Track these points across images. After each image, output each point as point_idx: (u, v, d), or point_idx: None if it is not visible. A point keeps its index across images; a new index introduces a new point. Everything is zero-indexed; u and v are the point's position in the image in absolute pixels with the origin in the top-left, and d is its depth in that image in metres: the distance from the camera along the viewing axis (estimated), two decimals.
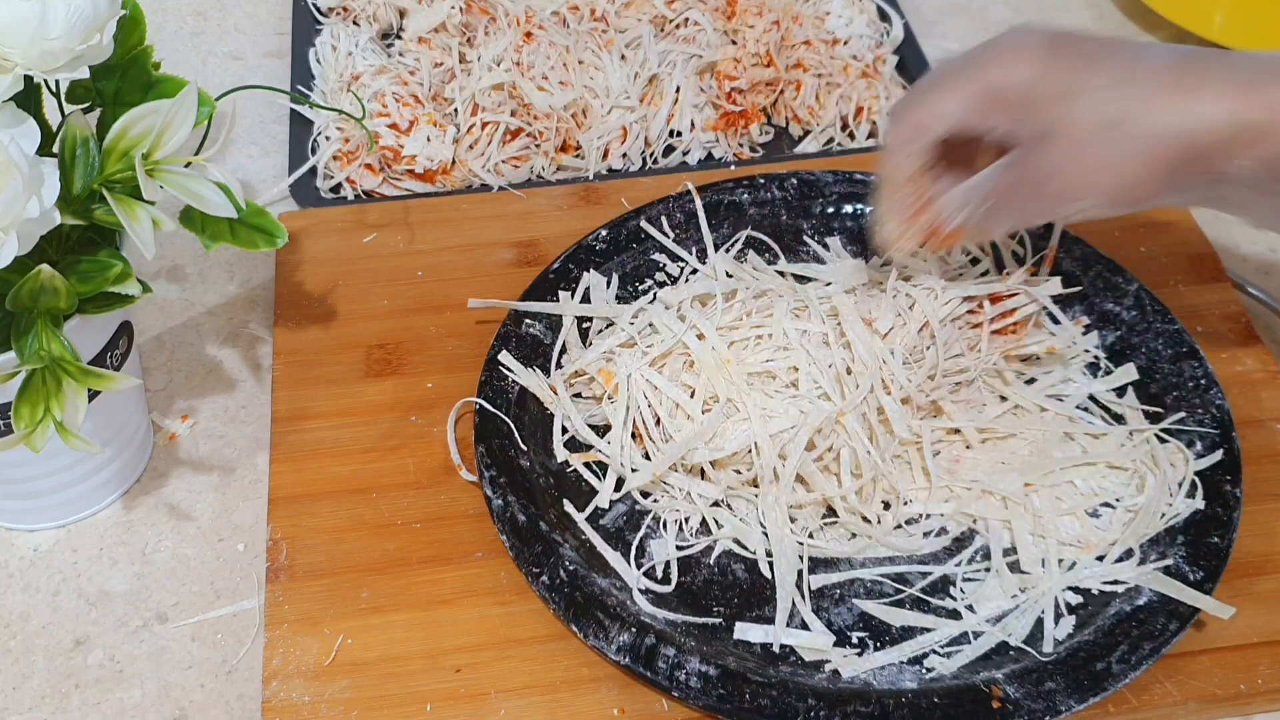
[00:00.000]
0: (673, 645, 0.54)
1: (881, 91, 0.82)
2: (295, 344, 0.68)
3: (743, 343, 0.61)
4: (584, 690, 0.55)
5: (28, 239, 0.49)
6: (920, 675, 0.55)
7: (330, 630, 0.56)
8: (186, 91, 0.52)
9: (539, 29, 0.80)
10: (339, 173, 0.77)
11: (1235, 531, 0.58)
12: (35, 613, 0.59)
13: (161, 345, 0.70)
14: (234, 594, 0.59)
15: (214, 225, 0.56)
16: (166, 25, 0.91)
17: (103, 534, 0.62)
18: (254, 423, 0.66)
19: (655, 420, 0.60)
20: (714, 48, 0.82)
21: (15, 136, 0.49)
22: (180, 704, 0.56)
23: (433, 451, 0.63)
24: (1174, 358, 0.65)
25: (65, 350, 0.52)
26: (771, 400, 0.59)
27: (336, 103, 0.79)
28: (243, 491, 0.63)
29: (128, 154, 0.52)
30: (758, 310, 0.63)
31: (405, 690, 0.54)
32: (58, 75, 0.50)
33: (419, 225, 0.74)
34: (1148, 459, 0.61)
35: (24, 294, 0.50)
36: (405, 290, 0.70)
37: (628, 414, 0.61)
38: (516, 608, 0.57)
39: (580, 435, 0.62)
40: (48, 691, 0.56)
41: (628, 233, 0.70)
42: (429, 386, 0.66)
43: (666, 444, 0.60)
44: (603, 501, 0.60)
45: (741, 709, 0.52)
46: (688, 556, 0.59)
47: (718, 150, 0.81)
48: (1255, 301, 0.72)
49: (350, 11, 0.87)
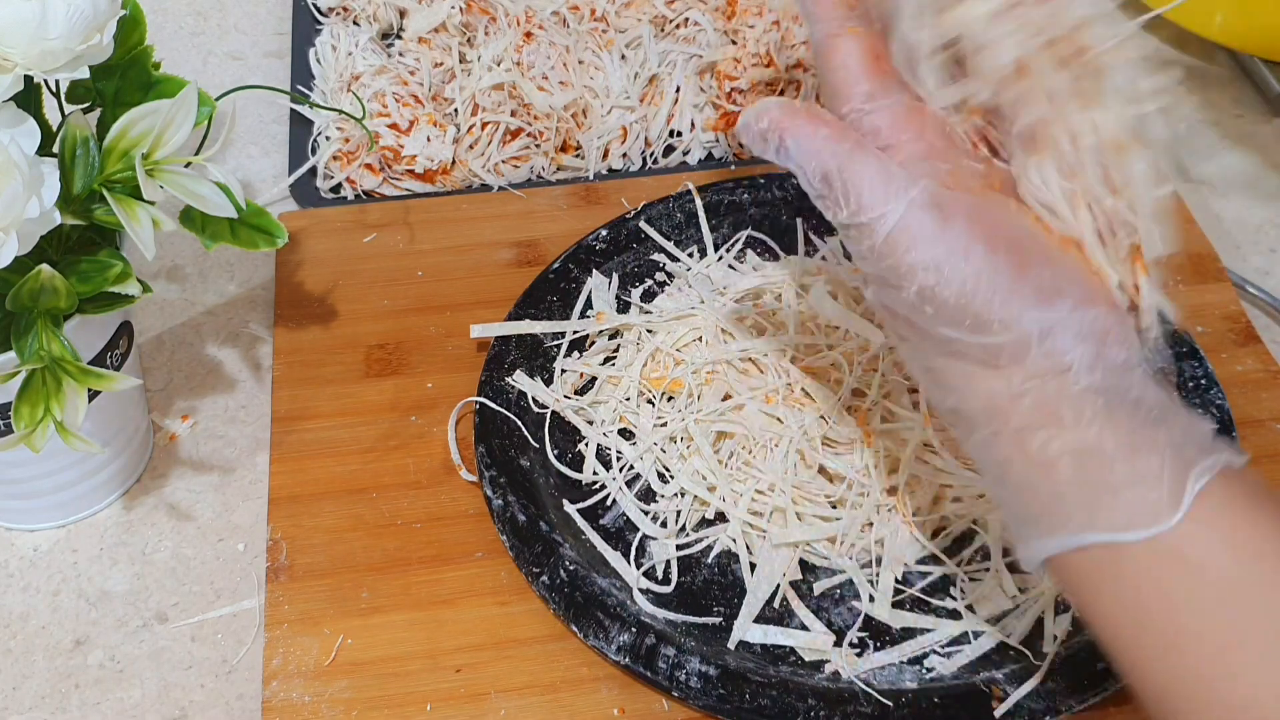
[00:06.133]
0: (673, 645, 0.54)
1: None
2: (295, 344, 0.68)
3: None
4: (584, 690, 0.55)
5: (28, 239, 0.49)
6: (920, 675, 0.55)
7: (330, 630, 0.56)
8: (186, 91, 0.52)
9: (539, 29, 0.80)
10: (339, 173, 0.77)
11: None
12: (35, 613, 0.59)
13: (161, 345, 0.70)
14: (234, 594, 0.59)
15: (214, 225, 0.56)
16: (166, 25, 0.91)
17: (103, 534, 0.62)
18: (254, 423, 0.66)
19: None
20: (714, 48, 0.82)
21: (15, 136, 0.49)
22: (180, 704, 0.56)
23: (433, 451, 0.63)
24: (1174, 358, 0.65)
25: (65, 350, 0.52)
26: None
27: (336, 103, 0.79)
28: (243, 491, 0.63)
29: (128, 154, 0.52)
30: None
31: (405, 690, 0.54)
32: (58, 75, 0.50)
33: (419, 225, 0.74)
34: None
35: (24, 294, 0.50)
36: (405, 290, 0.70)
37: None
38: (516, 608, 0.57)
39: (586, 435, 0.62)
40: (47, 691, 0.56)
41: (628, 233, 0.70)
42: (429, 386, 0.66)
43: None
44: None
45: (741, 709, 0.52)
46: (688, 556, 0.59)
47: (718, 150, 0.81)
48: (1255, 301, 0.73)
49: (350, 11, 0.87)
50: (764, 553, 0.58)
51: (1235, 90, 0.88)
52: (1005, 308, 0.41)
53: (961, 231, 0.41)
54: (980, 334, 0.41)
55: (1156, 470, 0.39)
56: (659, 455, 0.61)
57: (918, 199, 0.42)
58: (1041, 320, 0.41)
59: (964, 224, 0.41)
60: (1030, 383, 0.41)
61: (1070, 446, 0.40)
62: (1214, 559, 0.38)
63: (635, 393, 0.63)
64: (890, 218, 0.42)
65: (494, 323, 0.66)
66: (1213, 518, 0.38)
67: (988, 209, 0.43)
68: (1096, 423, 0.40)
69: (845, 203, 0.43)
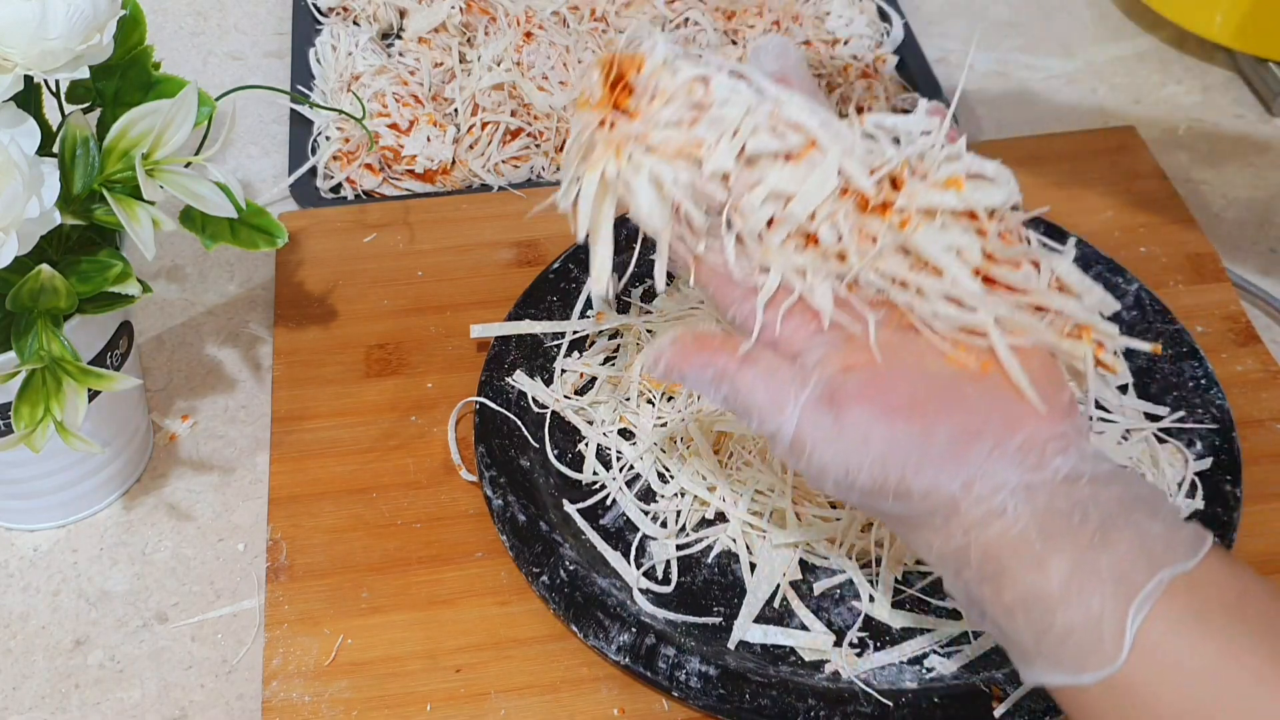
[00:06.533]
0: (673, 645, 0.54)
1: (881, 92, 0.82)
2: (295, 344, 0.68)
3: None
4: (584, 690, 0.55)
5: (28, 239, 0.49)
6: (920, 675, 0.55)
7: (330, 630, 0.56)
8: (186, 91, 0.52)
9: (539, 29, 0.80)
10: (339, 173, 0.77)
11: (1235, 532, 0.58)
12: (35, 613, 0.59)
13: (161, 345, 0.70)
14: (234, 594, 0.59)
15: (214, 225, 0.56)
16: (166, 25, 0.91)
17: (103, 534, 0.62)
18: (254, 423, 0.66)
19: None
20: (714, 48, 0.82)
21: (15, 136, 0.49)
22: (180, 704, 0.56)
23: (433, 451, 0.63)
24: (1174, 358, 0.65)
25: (65, 350, 0.52)
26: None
27: (336, 103, 0.79)
28: (242, 491, 0.63)
29: (128, 154, 0.52)
30: None
31: (405, 690, 0.54)
32: (58, 75, 0.50)
33: (419, 225, 0.74)
34: (1147, 459, 0.61)
35: (24, 294, 0.50)
36: (405, 290, 0.70)
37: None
38: (516, 608, 0.57)
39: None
40: (47, 691, 0.56)
41: (628, 233, 0.70)
42: (429, 386, 0.66)
43: None
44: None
45: (741, 709, 0.52)
46: (688, 556, 0.59)
47: None
48: (1255, 301, 0.73)
49: (350, 11, 0.87)
50: (764, 553, 0.58)
51: (1235, 90, 0.88)
52: (920, 477, 0.41)
53: (858, 418, 0.41)
54: (907, 503, 0.41)
55: (1097, 612, 0.38)
56: (659, 455, 0.61)
57: (808, 400, 0.42)
58: (960, 475, 0.41)
59: (860, 408, 0.41)
60: (971, 533, 0.41)
61: (1019, 594, 0.40)
62: (1165, 693, 0.38)
63: (635, 393, 0.63)
64: (787, 427, 0.42)
65: (494, 323, 0.66)
66: (1160, 648, 0.38)
67: (886, 375, 0.42)
68: (1038, 565, 0.39)
69: (749, 418, 0.44)
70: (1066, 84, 0.89)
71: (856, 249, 0.43)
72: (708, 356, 0.45)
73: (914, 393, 0.42)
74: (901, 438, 0.41)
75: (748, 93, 0.44)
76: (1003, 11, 0.95)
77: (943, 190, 0.43)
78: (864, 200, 0.44)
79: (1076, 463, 0.41)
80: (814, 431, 0.42)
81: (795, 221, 0.43)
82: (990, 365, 0.42)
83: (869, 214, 0.44)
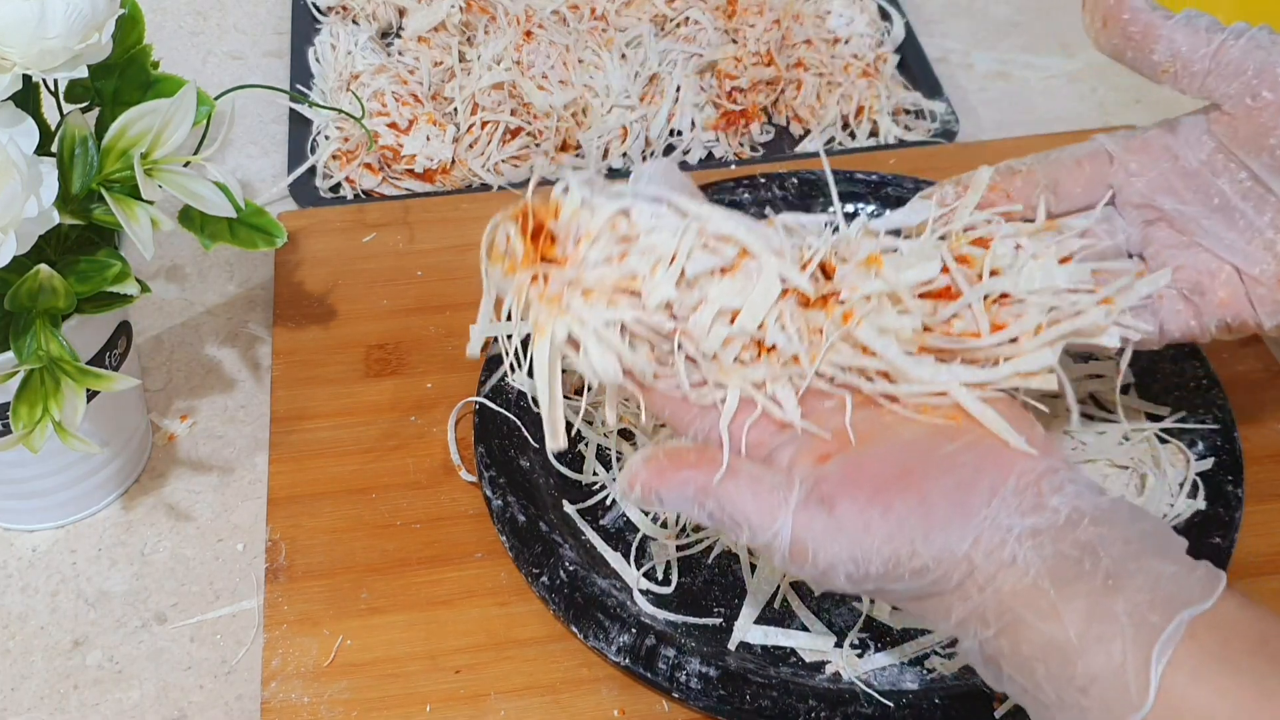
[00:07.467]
0: (673, 646, 0.54)
1: (882, 91, 0.81)
2: (295, 344, 0.67)
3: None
4: (584, 691, 0.55)
5: (26, 238, 0.49)
6: (921, 676, 0.55)
7: (330, 631, 0.56)
8: (185, 91, 0.52)
9: (539, 28, 0.80)
10: (338, 172, 0.77)
11: (1237, 532, 0.58)
12: (34, 613, 0.59)
13: (161, 345, 0.70)
14: (233, 594, 0.59)
15: (213, 225, 0.56)
16: (166, 25, 0.91)
17: (101, 534, 0.61)
18: (253, 423, 0.66)
19: None
20: (714, 47, 0.82)
21: (14, 136, 0.49)
22: (179, 704, 0.56)
23: (432, 451, 0.63)
24: (1175, 357, 0.65)
25: (64, 350, 0.51)
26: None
27: (336, 102, 0.79)
28: (242, 492, 0.63)
29: (126, 153, 0.52)
30: None
31: (405, 691, 0.54)
32: (56, 74, 0.50)
33: (419, 225, 0.73)
34: (1148, 459, 0.61)
35: (23, 294, 0.50)
36: (405, 290, 0.70)
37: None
38: (516, 608, 0.57)
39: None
40: (46, 692, 0.56)
41: None
42: (429, 386, 0.66)
43: None
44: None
45: (742, 710, 0.52)
46: (688, 557, 0.59)
47: (718, 150, 0.81)
48: None
49: (350, 10, 0.87)
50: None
51: None
52: (929, 545, 0.40)
53: (853, 508, 0.41)
54: (922, 578, 0.41)
55: (1119, 658, 0.38)
56: None
57: (799, 502, 0.42)
58: (968, 532, 0.40)
59: (852, 497, 0.41)
60: (986, 590, 0.40)
61: (1037, 646, 0.39)
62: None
63: None
64: (783, 533, 0.42)
65: (494, 323, 0.66)
66: (1187, 693, 0.37)
67: (866, 455, 0.42)
68: (1053, 614, 0.39)
69: (739, 531, 0.43)
70: (1067, 84, 0.88)
71: (806, 350, 0.44)
72: (686, 474, 0.43)
73: (899, 465, 0.42)
74: (902, 514, 0.41)
75: (670, 216, 0.44)
76: (1004, 11, 0.95)
77: (868, 273, 0.44)
78: (804, 297, 0.44)
79: (1074, 500, 0.41)
80: (812, 533, 0.41)
81: (747, 335, 0.43)
82: (959, 415, 0.43)
83: (812, 308, 0.44)
